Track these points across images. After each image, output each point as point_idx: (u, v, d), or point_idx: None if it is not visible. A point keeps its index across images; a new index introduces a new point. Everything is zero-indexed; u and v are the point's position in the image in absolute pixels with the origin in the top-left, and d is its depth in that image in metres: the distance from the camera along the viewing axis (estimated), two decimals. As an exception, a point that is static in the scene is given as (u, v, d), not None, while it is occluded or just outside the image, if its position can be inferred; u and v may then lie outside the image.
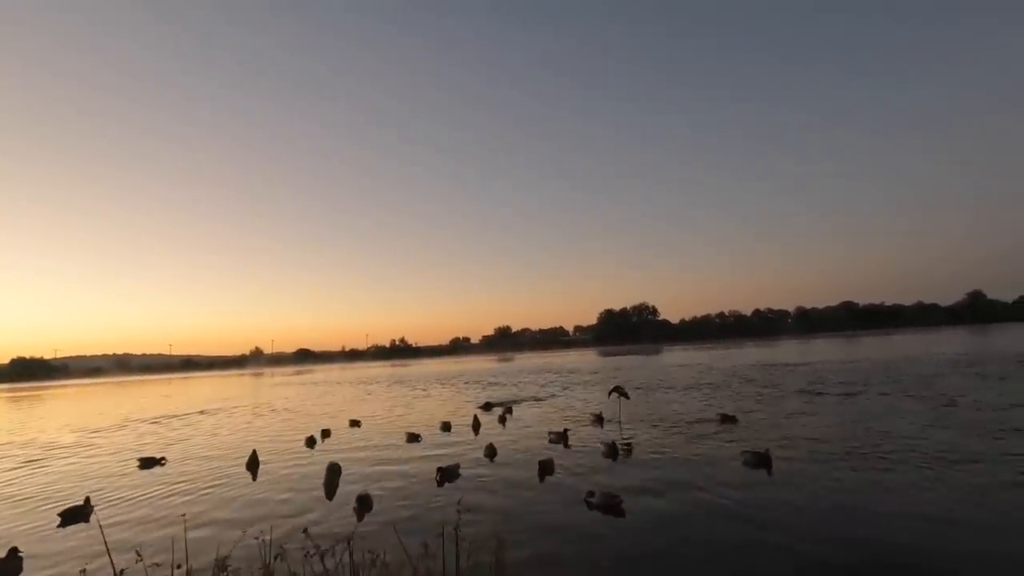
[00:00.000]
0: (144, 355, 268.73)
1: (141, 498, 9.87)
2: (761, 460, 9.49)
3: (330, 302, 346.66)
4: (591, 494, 7.85)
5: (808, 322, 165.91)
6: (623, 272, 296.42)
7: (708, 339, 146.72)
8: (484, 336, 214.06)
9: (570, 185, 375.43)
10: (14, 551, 6.55)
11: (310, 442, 14.74)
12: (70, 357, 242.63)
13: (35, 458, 15.69)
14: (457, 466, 10.26)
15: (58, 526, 8.30)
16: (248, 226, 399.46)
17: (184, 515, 8.39)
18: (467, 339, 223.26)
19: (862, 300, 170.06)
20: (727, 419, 14.31)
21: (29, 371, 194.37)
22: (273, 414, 24.68)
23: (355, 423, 18.31)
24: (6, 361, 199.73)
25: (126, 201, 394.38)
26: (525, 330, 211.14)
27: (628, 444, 12.05)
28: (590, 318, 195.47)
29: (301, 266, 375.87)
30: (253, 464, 11.99)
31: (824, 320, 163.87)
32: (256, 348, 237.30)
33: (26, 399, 56.35)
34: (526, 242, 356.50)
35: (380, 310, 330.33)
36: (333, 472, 10.18)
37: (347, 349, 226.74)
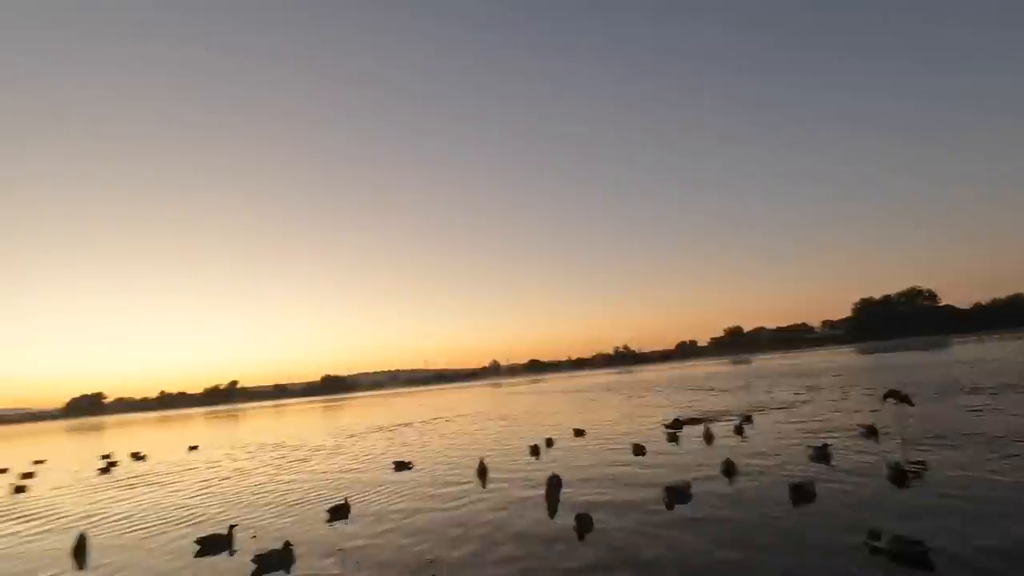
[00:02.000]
0: (409, 371, 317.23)
1: (392, 500, 10.78)
2: None
3: (558, 314, 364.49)
4: (875, 535, 5.91)
5: None
6: (882, 252, 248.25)
7: (1014, 327, 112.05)
8: (713, 338, 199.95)
9: (809, 160, 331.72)
10: (287, 544, 7.51)
11: (534, 451, 14.83)
12: (359, 374, 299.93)
13: (310, 457, 18.94)
14: (688, 485, 8.97)
15: (326, 521, 9.49)
16: (485, 253, 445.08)
17: (421, 522, 8.90)
18: (694, 342, 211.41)
19: None
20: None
21: (333, 386, 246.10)
22: (505, 422, 26.06)
23: (579, 432, 18.02)
24: (319, 379, 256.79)
25: (382, 244, 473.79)
26: (759, 329, 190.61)
27: (919, 466, 9.21)
28: (842, 310, 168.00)
29: (531, 281, 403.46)
30: (482, 473, 12.40)
31: None
32: (494, 361, 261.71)
33: (332, 409, 70.53)
34: (756, 232, 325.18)
35: (605, 319, 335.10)
36: (554, 486, 9.82)
37: (573, 358, 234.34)
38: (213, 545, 8.47)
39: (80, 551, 8.85)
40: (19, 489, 17.37)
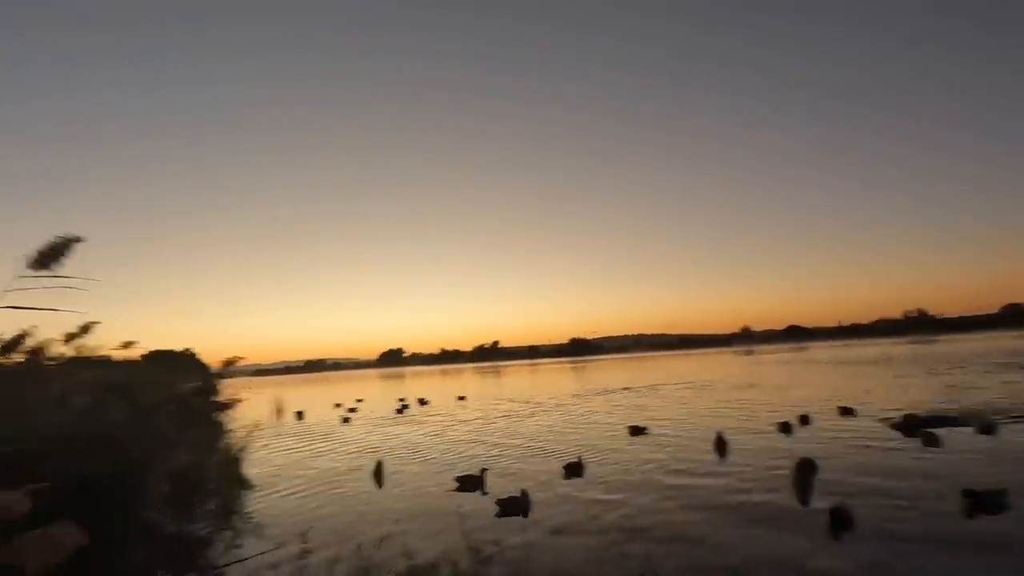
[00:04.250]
0: (652, 335, 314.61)
1: (626, 465, 10.75)
2: None
3: (826, 272, 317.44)
4: None
5: None
6: None
7: None
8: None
9: None
10: (524, 492, 8.22)
11: (784, 428, 13.21)
12: (603, 337, 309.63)
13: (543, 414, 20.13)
14: (1002, 492, 6.87)
15: (562, 477, 10.05)
16: (735, 211, 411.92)
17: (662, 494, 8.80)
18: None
19: None
20: None
21: (579, 348, 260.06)
22: (753, 393, 23.90)
23: (846, 411, 15.40)
24: (567, 341, 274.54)
25: (629, 211, 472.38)
26: None
27: None
28: None
29: (792, 236, 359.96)
30: (720, 447, 11.57)
31: None
32: (745, 326, 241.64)
33: (577, 369, 74.57)
34: None
35: (886, 275, 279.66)
36: (805, 470, 8.58)
37: (846, 324, 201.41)
38: (469, 483, 9.78)
39: (379, 474, 11.16)
40: (346, 420, 22.80)
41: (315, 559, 4.31)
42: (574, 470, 10.27)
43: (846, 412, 15.32)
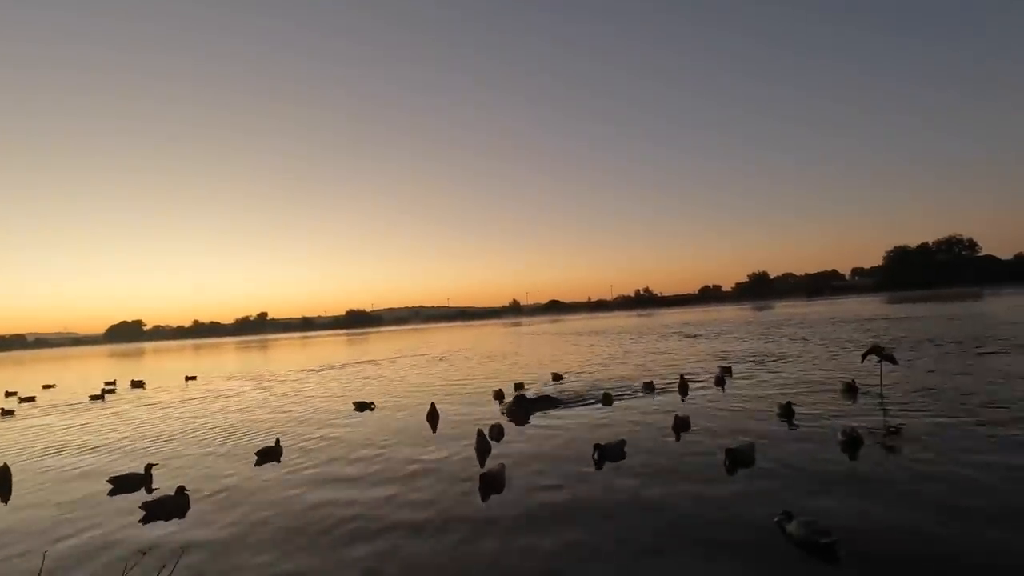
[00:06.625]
0: (432, 307, 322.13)
1: (335, 444, 10.36)
2: None
3: (579, 255, 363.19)
4: (788, 516, 5.16)
5: None
6: (917, 200, 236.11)
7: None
8: (737, 283, 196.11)
9: (841, 107, 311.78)
10: (181, 489, 7.17)
11: (498, 396, 14.36)
12: (383, 309, 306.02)
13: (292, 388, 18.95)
14: (622, 444, 8.31)
15: (254, 464, 9.17)
16: (507, 193, 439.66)
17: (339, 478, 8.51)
18: (718, 287, 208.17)
19: None
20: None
21: (357, 320, 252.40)
22: (493, 361, 25.77)
23: (557, 377, 17.48)
24: (343, 312, 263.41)
25: (409, 184, 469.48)
26: (787, 275, 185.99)
27: (894, 432, 8.41)
28: (874, 258, 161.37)
29: (553, 221, 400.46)
30: (432, 417, 12.00)
31: None
32: (514, 300, 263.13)
33: (351, 342, 71.96)
34: (787, 177, 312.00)
35: (625, 261, 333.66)
36: (483, 436, 9.23)
37: (593, 300, 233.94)
38: (128, 483, 8.26)
39: (3, 482, 8.78)
40: (8, 413, 17.87)
41: None
42: (269, 455, 9.47)
43: (557, 378, 17.38)
